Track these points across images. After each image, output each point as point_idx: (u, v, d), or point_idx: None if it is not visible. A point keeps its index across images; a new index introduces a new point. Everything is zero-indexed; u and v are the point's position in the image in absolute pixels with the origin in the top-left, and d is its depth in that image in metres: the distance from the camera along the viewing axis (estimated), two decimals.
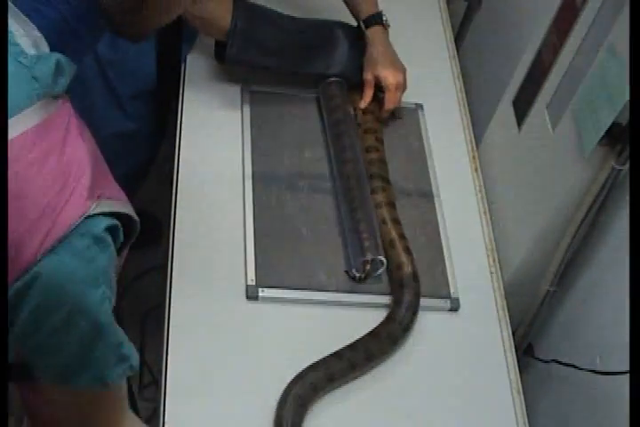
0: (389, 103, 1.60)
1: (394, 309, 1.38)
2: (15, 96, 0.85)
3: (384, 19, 1.62)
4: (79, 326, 0.88)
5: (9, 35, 0.86)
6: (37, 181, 0.84)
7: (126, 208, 0.91)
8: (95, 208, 0.86)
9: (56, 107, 0.88)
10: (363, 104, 1.61)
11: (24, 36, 0.87)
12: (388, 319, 1.38)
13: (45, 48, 0.89)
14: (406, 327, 1.37)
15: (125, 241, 0.94)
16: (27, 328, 0.88)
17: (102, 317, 0.90)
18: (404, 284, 1.40)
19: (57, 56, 0.88)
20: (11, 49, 0.85)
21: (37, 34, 0.89)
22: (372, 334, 1.35)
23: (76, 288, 0.86)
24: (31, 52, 0.87)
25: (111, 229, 0.88)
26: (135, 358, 0.96)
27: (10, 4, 0.88)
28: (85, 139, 0.91)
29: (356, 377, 1.33)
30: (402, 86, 1.61)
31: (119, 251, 0.94)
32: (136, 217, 0.91)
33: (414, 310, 1.38)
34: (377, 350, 1.34)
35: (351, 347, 1.33)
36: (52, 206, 0.84)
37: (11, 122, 0.84)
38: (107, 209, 0.88)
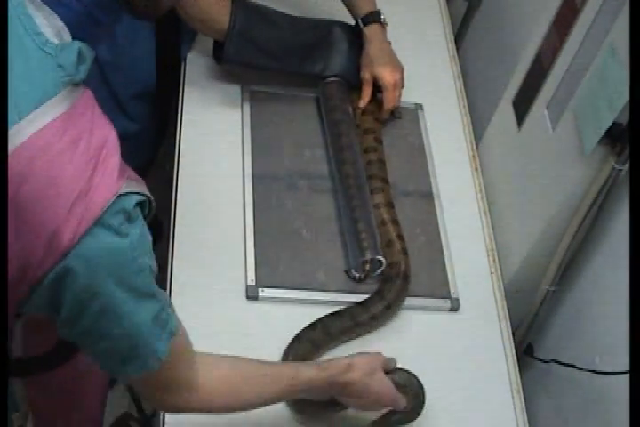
0: (388, 102, 1.60)
1: (371, 297, 1.39)
2: (43, 85, 0.87)
3: (382, 17, 1.61)
4: (121, 302, 0.91)
5: (33, 25, 0.87)
6: (70, 166, 0.86)
7: (146, 190, 0.93)
8: (125, 187, 0.89)
9: (80, 93, 0.91)
10: (362, 103, 1.61)
11: (47, 26, 0.89)
12: (359, 305, 1.38)
13: (68, 37, 0.91)
14: (374, 316, 1.37)
15: None
16: (72, 312, 0.91)
17: (142, 286, 0.93)
18: (390, 280, 1.40)
19: (78, 44, 0.90)
20: (36, 39, 0.87)
21: (60, 24, 0.91)
22: (337, 313, 1.36)
23: (115, 266, 0.89)
24: (55, 41, 0.89)
25: (140, 204, 0.91)
26: (172, 322, 0.99)
27: None
28: (109, 122, 0.93)
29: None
30: (399, 85, 1.60)
31: None
32: (152, 198, 0.94)
33: (389, 305, 1.38)
34: (338, 329, 1.35)
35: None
36: (86, 189, 0.86)
37: (41, 110, 0.85)
38: (136, 189, 0.91)
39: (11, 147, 0.83)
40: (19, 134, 0.84)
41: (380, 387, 1.19)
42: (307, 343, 1.32)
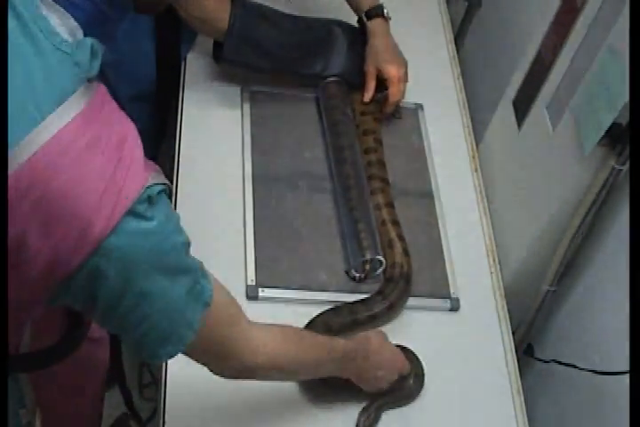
0: (393, 96, 1.60)
1: (372, 297, 1.39)
2: (63, 83, 0.88)
3: (385, 11, 1.61)
4: (157, 284, 0.93)
5: (48, 26, 0.89)
6: (95, 162, 0.87)
7: (165, 178, 0.96)
8: (152, 179, 0.92)
9: (95, 88, 0.92)
10: (366, 97, 1.61)
11: (62, 25, 0.91)
12: (360, 302, 1.38)
13: (81, 35, 0.93)
14: (374, 315, 1.37)
15: None
16: (110, 302, 0.92)
17: (175, 263, 0.95)
18: (392, 280, 1.40)
19: (90, 40, 0.92)
20: (51, 39, 0.88)
21: (73, 23, 0.92)
22: (334, 310, 1.36)
23: (147, 249, 0.91)
24: (70, 39, 0.91)
25: (163, 191, 0.94)
26: (207, 292, 1.01)
27: None
28: (127, 116, 0.96)
29: None
30: (404, 79, 1.61)
31: None
32: (171, 185, 0.96)
33: (391, 305, 1.39)
34: (336, 325, 1.35)
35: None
36: (113, 183, 0.88)
37: (62, 108, 0.87)
38: (160, 180, 0.93)
39: (37, 145, 0.84)
40: (45, 132, 0.85)
41: (392, 351, 1.30)
42: None
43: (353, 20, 1.65)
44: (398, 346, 1.33)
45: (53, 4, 0.91)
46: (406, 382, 1.32)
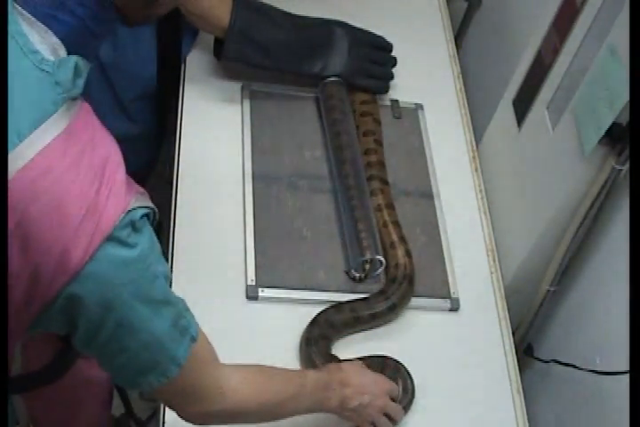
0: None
1: (374, 296, 1.39)
2: (42, 104, 0.85)
3: None
4: (138, 314, 0.91)
5: (28, 44, 0.86)
6: (76, 184, 0.85)
7: (150, 201, 0.93)
8: (135, 202, 0.89)
9: (77, 107, 0.89)
10: None
11: (42, 43, 0.88)
12: (362, 300, 1.38)
13: (63, 53, 0.90)
14: (375, 314, 1.37)
15: None
16: (90, 329, 0.91)
17: (157, 294, 0.93)
18: (395, 281, 1.40)
19: (75, 58, 0.89)
20: (31, 57, 0.86)
21: (55, 40, 0.90)
22: (335, 307, 1.36)
23: (128, 277, 0.89)
24: (51, 58, 0.88)
25: (146, 215, 0.91)
26: (193, 327, 0.99)
27: (25, 13, 0.89)
28: (110, 135, 0.92)
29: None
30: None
31: None
32: (156, 209, 0.94)
33: (393, 306, 1.38)
34: (338, 322, 1.35)
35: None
36: (94, 207, 0.86)
37: (41, 130, 0.84)
38: (143, 204, 0.90)
39: (13, 169, 0.82)
40: (21, 156, 0.83)
41: (373, 374, 1.24)
42: (322, 341, 1.32)
43: (353, 20, 1.65)
44: (382, 356, 1.32)
45: (34, 20, 0.89)
46: (395, 400, 1.27)
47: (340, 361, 1.29)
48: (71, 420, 1.49)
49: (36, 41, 0.87)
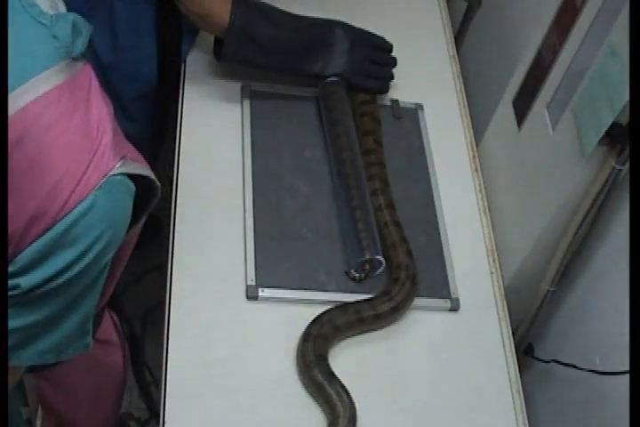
0: None
1: (378, 296, 1.39)
2: (38, 55, 0.85)
3: None
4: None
5: None
6: (63, 138, 0.85)
7: (149, 172, 0.92)
8: (120, 167, 0.88)
9: (78, 68, 0.90)
10: None
11: None
12: (366, 301, 1.38)
13: (63, 8, 0.90)
14: (379, 315, 1.37)
15: (145, 208, 0.95)
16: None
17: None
18: (399, 281, 1.40)
19: (73, 15, 0.89)
20: (30, 10, 0.86)
21: None
22: (341, 307, 1.36)
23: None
24: (50, 12, 0.88)
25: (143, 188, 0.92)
26: (90, 339, 0.99)
27: None
28: (106, 102, 0.92)
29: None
30: None
31: (138, 217, 0.95)
32: (157, 182, 0.94)
33: (397, 306, 1.38)
34: (343, 323, 1.35)
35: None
36: (78, 164, 0.86)
37: (34, 80, 0.84)
38: (131, 170, 0.89)
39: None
40: (12, 104, 0.82)
41: None
42: (319, 340, 1.32)
43: (353, 20, 1.65)
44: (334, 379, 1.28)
45: None
46: None
47: (332, 373, 1.28)
48: (80, 406, 1.49)
49: None
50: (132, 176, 0.92)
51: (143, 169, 0.92)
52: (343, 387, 1.28)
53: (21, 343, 0.94)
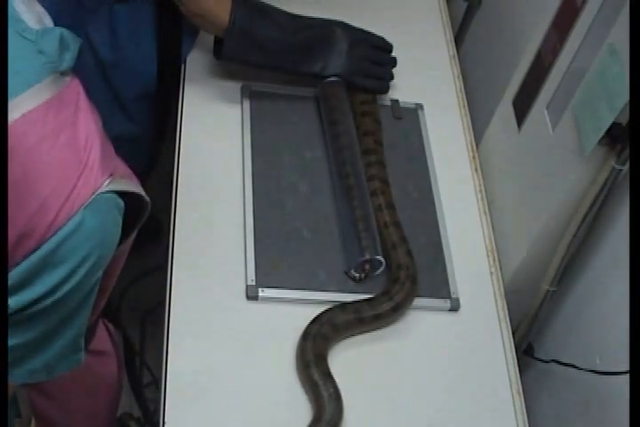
0: None
1: (378, 296, 1.39)
2: (23, 71, 0.84)
3: None
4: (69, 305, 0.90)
5: (13, 13, 0.84)
6: (50, 156, 0.84)
7: (138, 188, 0.91)
8: (108, 185, 0.87)
9: (65, 83, 0.88)
10: None
11: (28, 12, 0.87)
12: (366, 301, 1.38)
13: (49, 23, 0.89)
14: (379, 315, 1.37)
15: (135, 223, 0.94)
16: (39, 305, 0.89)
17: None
18: (399, 281, 1.40)
19: (60, 30, 0.88)
20: (15, 25, 0.84)
21: (40, 9, 0.88)
22: (340, 307, 1.36)
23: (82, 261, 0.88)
24: (35, 27, 0.86)
25: (133, 205, 0.90)
26: (82, 355, 0.98)
27: None
28: (95, 118, 0.91)
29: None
30: None
31: (128, 233, 0.94)
32: (147, 198, 0.92)
33: (397, 306, 1.38)
34: (343, 323, 1.35)
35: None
36: (65, 181, 0.84)
37: (22, 97, 0.83)
38: (120, 187, 0.88)
39: None
40: None
41: None
42: (319, 339, 1.32)
43: (353, 20, 1.65)
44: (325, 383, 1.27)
45: None
46: None
47: (329, 373, 1.28)
48: (74, 417, 1.49)
49: (21, 10, 0.86)
50: (121, 192, 0.91)
51: (132, 186, 0.91)
52: (336, 390, 1.27)
53: (11, 363, 0.93)
